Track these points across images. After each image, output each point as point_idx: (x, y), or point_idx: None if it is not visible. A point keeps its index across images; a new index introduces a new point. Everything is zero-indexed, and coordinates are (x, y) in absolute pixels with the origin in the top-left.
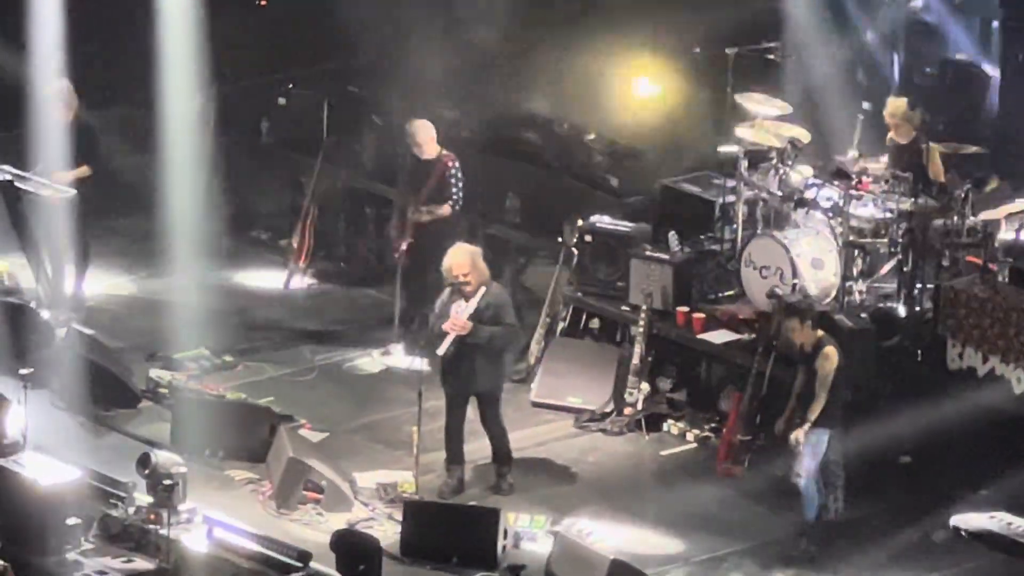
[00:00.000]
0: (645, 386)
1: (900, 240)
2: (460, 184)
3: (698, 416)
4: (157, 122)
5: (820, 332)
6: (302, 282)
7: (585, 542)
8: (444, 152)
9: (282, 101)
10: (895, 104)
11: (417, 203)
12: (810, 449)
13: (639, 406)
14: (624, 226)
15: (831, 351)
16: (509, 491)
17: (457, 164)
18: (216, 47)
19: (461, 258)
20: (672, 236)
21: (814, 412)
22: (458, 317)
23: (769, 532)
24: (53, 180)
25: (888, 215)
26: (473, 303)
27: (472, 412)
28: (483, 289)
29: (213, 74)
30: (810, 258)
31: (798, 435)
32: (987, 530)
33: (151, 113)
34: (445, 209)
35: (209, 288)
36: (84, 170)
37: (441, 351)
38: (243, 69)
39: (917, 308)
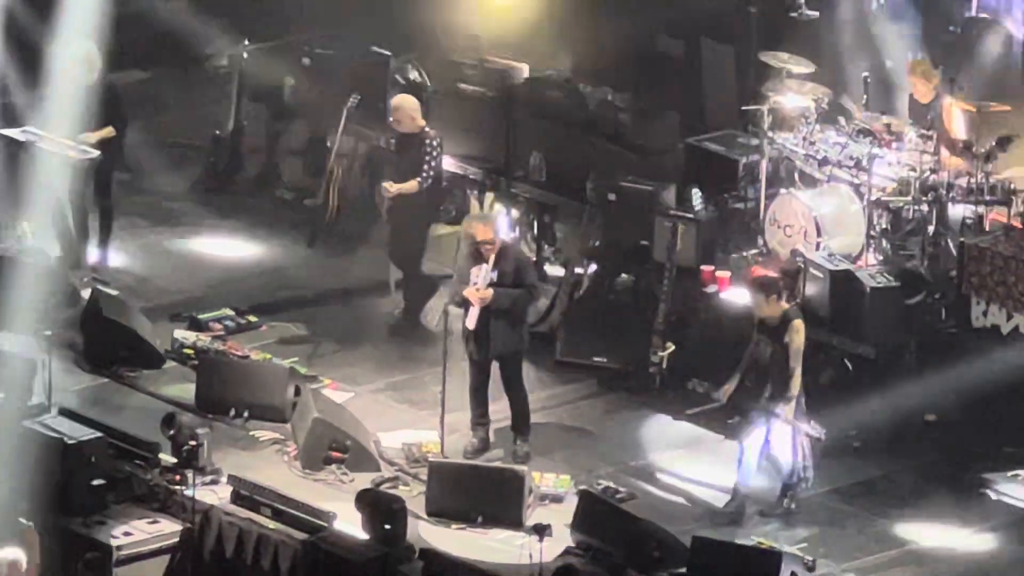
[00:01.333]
0: (670, 345)
1: (924, 198)
2: (435, 161)
3: (722, 375)
4: (181, 83)
5: (786, 305)
6: (327, 242)
7: (611, 501)
8: (426, 128)
9: (306, 61)
10: (915, 63)
11: (395, 180)
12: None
13: (663, 365)
14: (648, 185)
15: (800, 323)
16: (525, 458)
17: (437, 140)
18: (240, 7)
19: (485, 225)
20: (696, 194)
21: (794, 388)
22: (480, 288)
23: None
24: (78, 141)
25: (911, 173)
26: (491, 268)
27: (496, 373)
28: (503, 252)
29: (237, 35)
30: (834, 216)
31: (788, 411)
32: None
33: (176, 74)
34: (411, 185)
35: (234, 248)
36: (109, 131)
37: (471, 324)
38: (267, 30)
39: (941, 266)
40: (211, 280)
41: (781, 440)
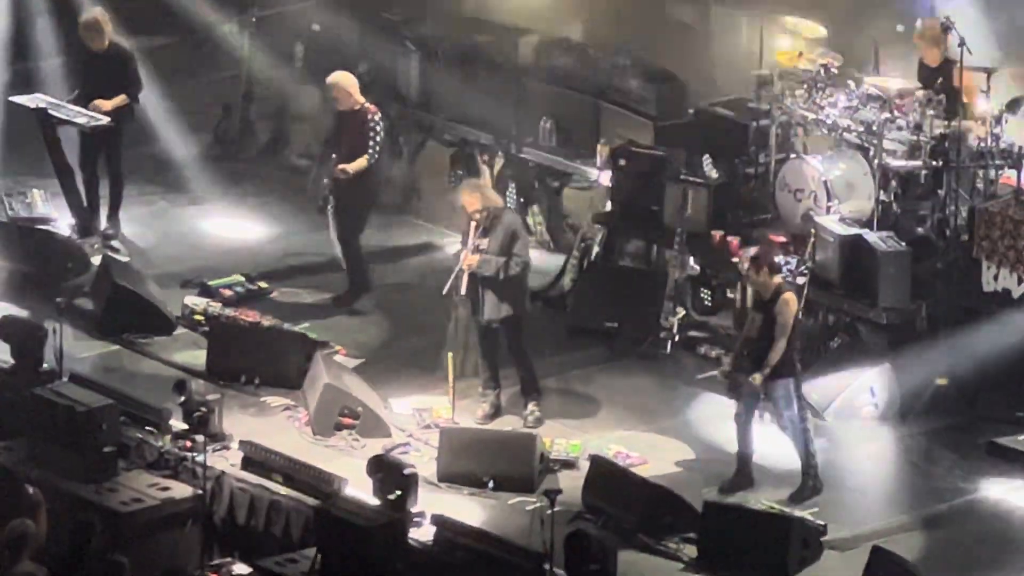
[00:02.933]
0: (680, 310)
1: (934, 162)
2: (379, 136)
3: (734, 339)
4: (191, 50)
5: (778, 279)
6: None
7: (622, 466)
8: (366, 103)
9: (316, 27)
10: (923, 27)
11: (339, 159)
12: (783, 401)
13: (675, 330)
14: (659, 150)
15: (791, 296)
16: (536, 423)
17: (378, 116)
18: None
19: (470, 195)
20: (706, 160)
21: (774, 358)
22: (467, 252)
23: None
24: (91, 109)
25: (922, 137)
26: (482, 235)
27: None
28: (496, 221)
29: (247, 1)
30: (844, 181)
31: (757, 378)
32: (1022, 451)
33: (186, 41)
34: (361, 162)
35: (244, 215)
36: (122, 99)
37: (462, 290)
38: None
39: (951, 230)
40: (221, 247)
41: (787, 428)
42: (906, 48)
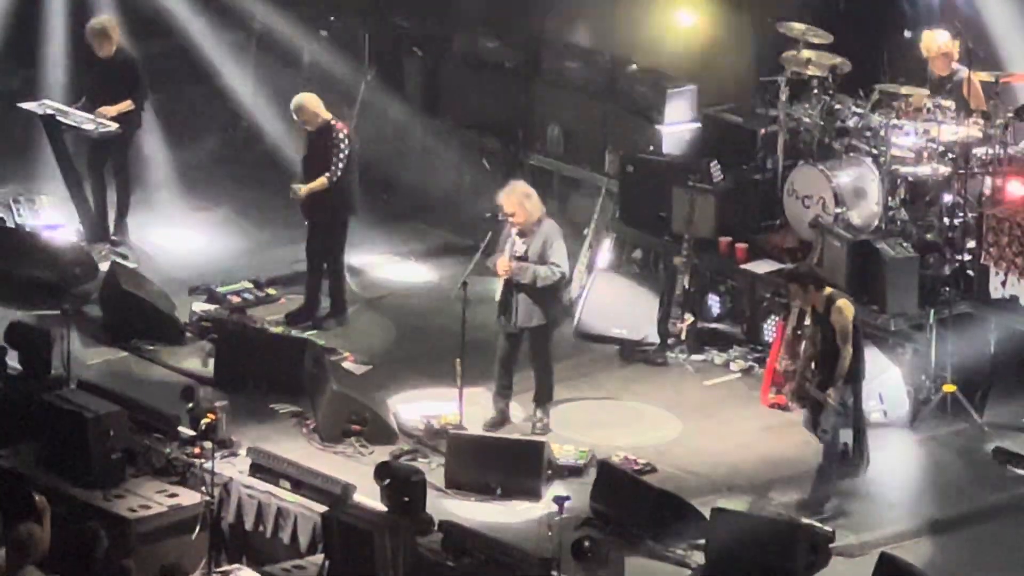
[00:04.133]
0: (689, 316)
1: (942, 169)
2: (343, 153)
3: (742, 346)
4: (199, 56)
5: (829, 289)
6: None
7: (629, 472)
8: (332, 120)
9: (324, 33)
10: (929, 37)
11: (304, 177)
12: (836, 406)
13: (682, 336)
14: (666, 156)
15: (845, 303)
16: (542, 431)
17: (344, 132)
18: None
19: (510, 196)
20: (714, 166)
21: (843, 367)
22: (503, 258)
23: (815, 461)
24: (97, 114)
25: (930, 144)
26: (520, 241)
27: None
28: (534, 228)
29: (254, 6)
30: (852, 187)
31: (831, 394)
32: None
33: (192, 48)
34: (320, 182)
35: (252, 220)
36: (127, 104)
37: (497, 295)
38: (284, 1)
39: (959, 237)
40: (230, 253)
41: (826, 435)
42: (915, 54)
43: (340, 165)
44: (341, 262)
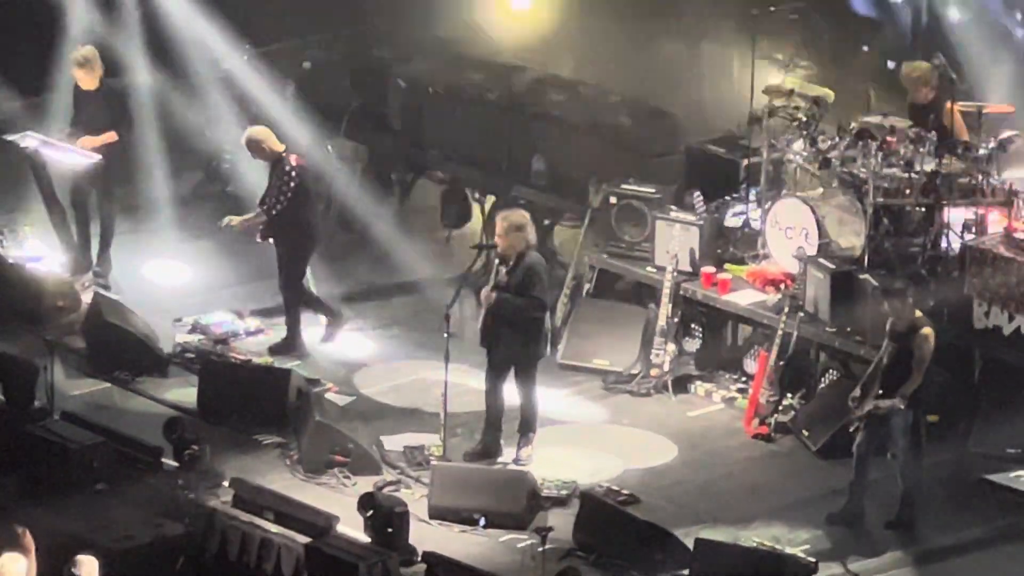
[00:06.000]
0: (672, 347)
1: (925, 200)
2: (289, 186)
3: (724, 377)
4: (183, 88)
5: (919, 313)
6: (327, 245)
7: (613, 503)
8: (286, 153)
9: (307, 65)
10: (909, 68)
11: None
12: (899, 430)
13: (665, 367)
14: (650, 187)
15: (930, 332)
16: (526, 462)
17: (294, 166)
18: (241, 12)
19: (502, 221)
20: (697, 197)
21: (908, 389)
22: (487, 288)
23: (798, 492)
24: (80, 146)
25: (913, 175)
26: (503, 271)
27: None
28: (518, 259)
29: (238, 39)
30: (835, 218)
31: (886, 403)
32: (1014, 488)
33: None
34: (256, 214)
35: (235, 252)
36: (110, 136)
37: (478, 323)
38: (268, 34)
39: (942, 268)
40: (213, 284)
41: (899, 458)
42: (896, 85)
43: (282, 198)
44: (299, 295)
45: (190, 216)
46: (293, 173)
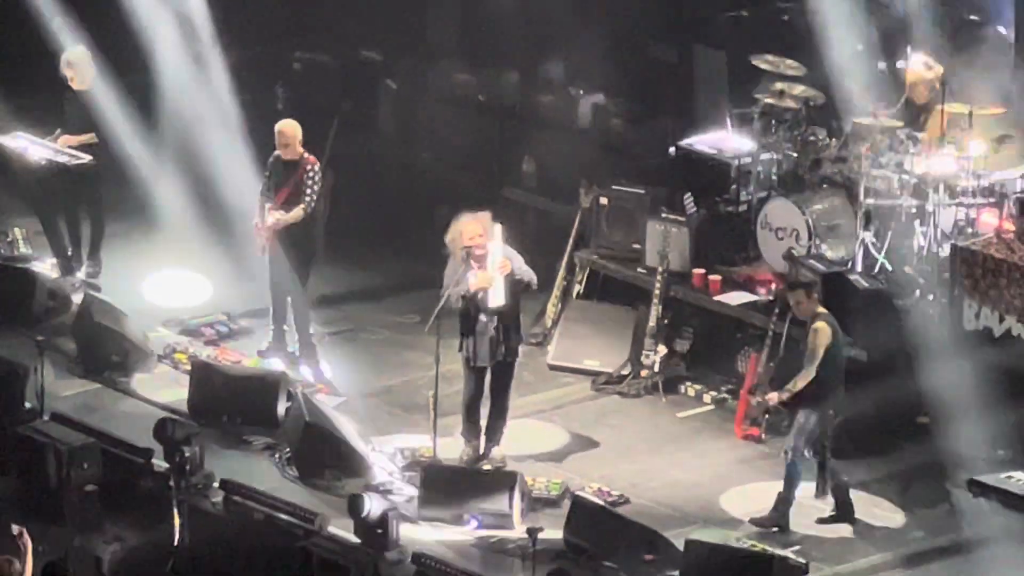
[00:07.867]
0: (662, 348)
1: (915, 200)
2: (316, 187)
3: (715, 378)
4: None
5: (820, 308)
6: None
7: (603, 504)
8: (306, 154)
9: (297, 66)
10: (917, 65)
11: (275, 205)
12: (797, 427)
13: (656, 368)
14: (640, 189)
15: (822, 326)
16: (502, 463)
17: (316, 167)
18: (230, 12)
19: (471, 225)
20: (688, 198)
21: (798, 383)
22: (482, 272)
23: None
24: (60, 144)
25: (904, 176)
26: (496, 253)
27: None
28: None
29: (227, 40)
30: (826, 220)
31: (772, 397)
32: (1004, 489)
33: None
34: (296, 213)
35: (225, 253)
36: (89, 136)
37: (492, 303)
38: (258, 34)
39: (933, 269)
40: (203, 285)
41: (787, 456)
42: (887, 86)
43: (314, 197)
44: (304, 300)
45: (182, 216)
46: (318, 173)
